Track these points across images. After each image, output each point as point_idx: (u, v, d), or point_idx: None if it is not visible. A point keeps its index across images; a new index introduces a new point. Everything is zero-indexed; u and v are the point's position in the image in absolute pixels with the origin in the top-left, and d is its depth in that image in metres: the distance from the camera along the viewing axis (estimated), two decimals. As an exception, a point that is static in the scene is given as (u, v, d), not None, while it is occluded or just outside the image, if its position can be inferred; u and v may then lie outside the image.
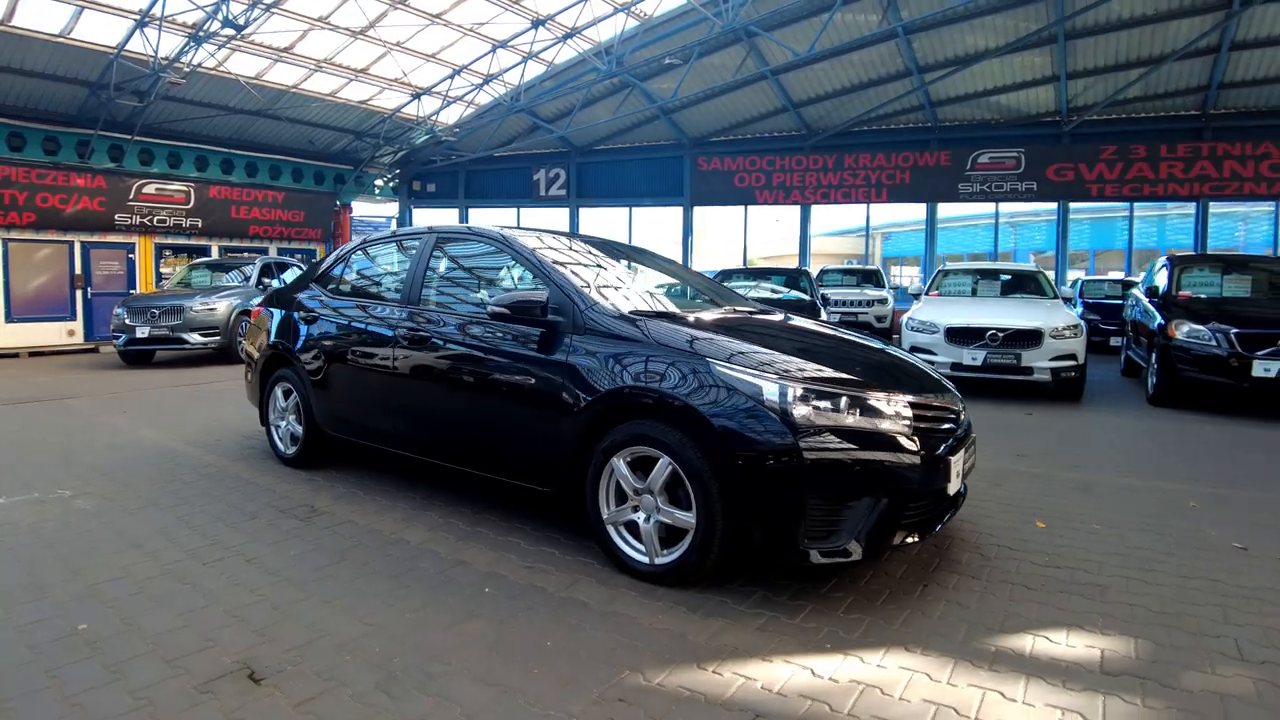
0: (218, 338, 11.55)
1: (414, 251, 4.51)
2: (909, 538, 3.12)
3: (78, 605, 2.89)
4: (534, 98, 18.52)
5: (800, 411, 2.92)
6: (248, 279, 13.10)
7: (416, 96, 18.36)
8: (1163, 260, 11.04)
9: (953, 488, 3.28)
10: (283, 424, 5.12)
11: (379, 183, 22.90)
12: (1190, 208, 18.61)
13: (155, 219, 16.85)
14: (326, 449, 4.95)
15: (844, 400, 3.00)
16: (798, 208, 21.83)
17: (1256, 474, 5.35)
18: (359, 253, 5.11)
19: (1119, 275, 18.77)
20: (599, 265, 4.16)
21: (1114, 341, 14.30)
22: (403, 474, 4.80)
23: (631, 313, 3.54)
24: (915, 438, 3.10)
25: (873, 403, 3.06)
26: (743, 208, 22.26)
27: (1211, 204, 18.35)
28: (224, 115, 17.14)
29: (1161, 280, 10.04)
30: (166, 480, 4.70)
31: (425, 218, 24.95)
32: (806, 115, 20.08)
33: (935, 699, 2.37)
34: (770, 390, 2.96)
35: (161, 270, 17.00)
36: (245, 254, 16.65)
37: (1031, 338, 8.53)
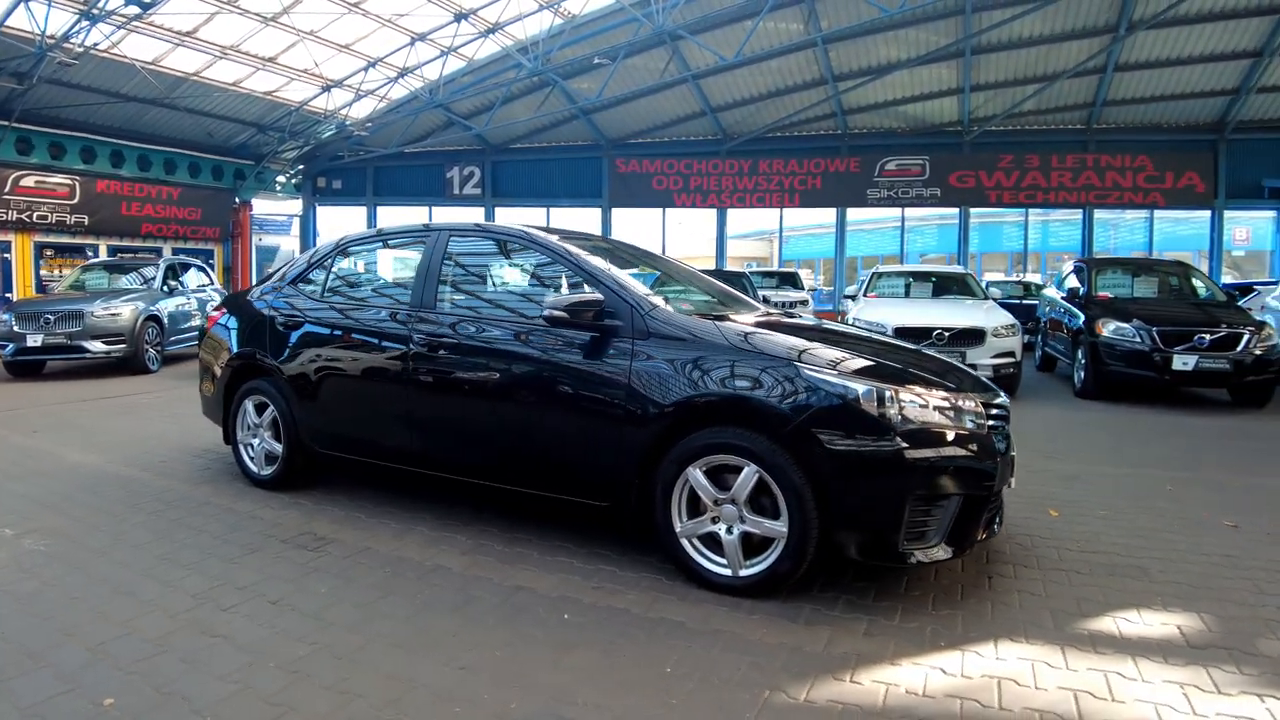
0: (122, 345, 10.47)
1: (421, 251, 4.10)
2: (984, 533, 3.17)
3: (88, 674, 2.39)
4: (452, 93, 17.87)
5: (898, 413, 2.89)
6: (148, 282, 11.96)
7: (327, 89, 17.37)
8: (1072, 264, 11.68)
9: (1014, 483, 3.38)
10: (255, 442, 4.58)
11: (281, 179, 21.59)
12: (1072, 213, 19.91)
13: (35, 215, 15.21)
14: (309, 469, 4.46)
15: (932, 401, 3.00)
16: (714, 211, 22.03)
17: (1206, 457, 5.79)
18: (343, 253, 4.63)
19: (1018, 278, 19.82)
20: (628, 267, 3.89)
21: (1025, 339, 15.03)
22: (394, 492, 4.40)
23: (695, 315, 3.36)
24: (991, 435, 3.14)
25: (958, 403, 3.08)
26: (661, 210, 22.27)
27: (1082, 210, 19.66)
28: (115, 103, 15.65)
29: (1071, 282, 10.64)
30: (126, 511, 4.10)
31: (330, 217, 23.73)
32: (724, 120, 20.25)
33: (1068, 685, 2.42)
34: (867, 393, 2.90)
35: (42, 271, 15.35)
36: (141, 254, 15.26)
37: (975, 336, 8.78)
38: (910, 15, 14.84)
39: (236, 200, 19.73)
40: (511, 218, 22.95)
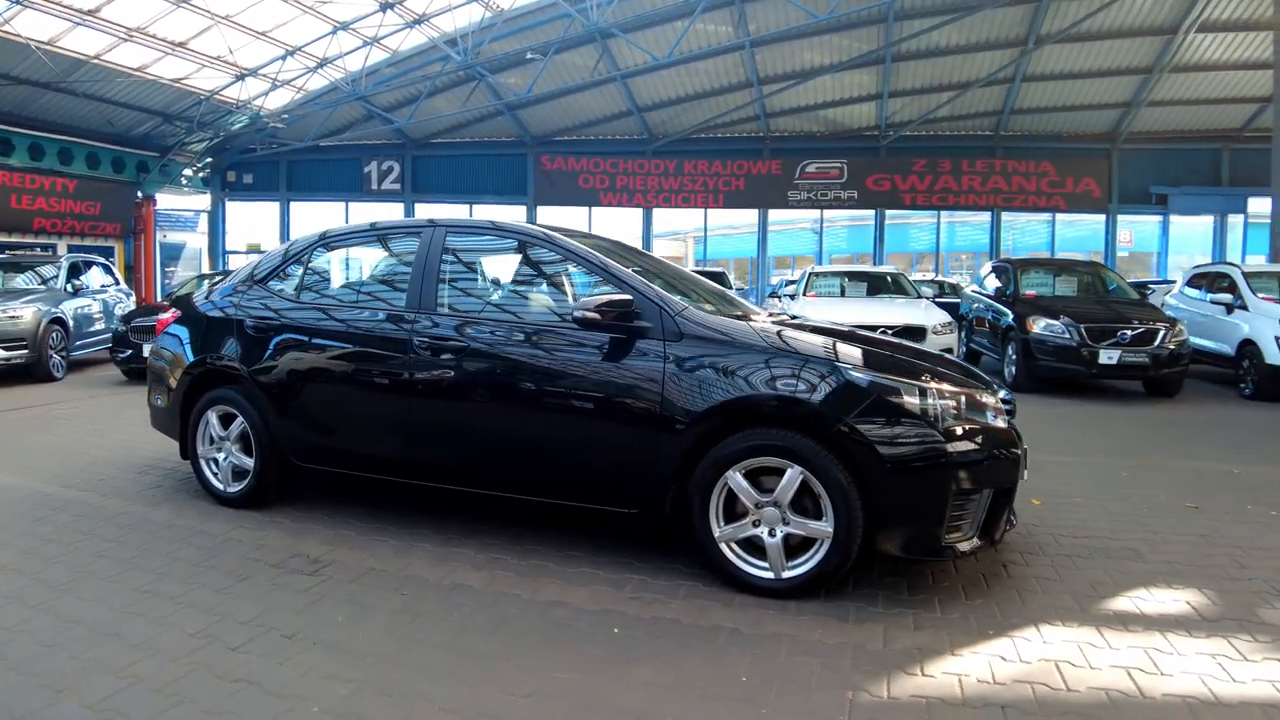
0: (24, 351, 9.52)
1: (414, 248, 3.82)
2: (1008, 524, 3.24)
3: (99, 732, 2.07)
4: (374, 85, 17.15)
5: (939, 411, 2.94)
6: (48, 281, 10.93)
7: (241, 78, 16.37)
8: (992, 264, 12.17)
9: (1026, 474, 3.43)
10: (220, 457, 4.16)
11: (188, 172, 20.26)
12: (971, 215, 20.84)
13: (-92, 207, 13.73)
14: (282, 484, 4.11)
15: (965, 399, 3.07)
16: (640, 210, 21.99)
17: (1145, 444, 6.17)
18: (321, 249, 4.27)
19: (939, 277, 20.52)
20: (639, 266, 3.73)
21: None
22: (377, 506, 4.10)
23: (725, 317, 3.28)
24: (1012, 429, 3.23)
25: (984, 399, 3.16)
26: (587, 209, 22.06)
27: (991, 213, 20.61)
28: (4, 85, 14.24)
29: (992, 282, 11.10)
30: (79, 539, 3.65)
31: (240, 213, 22.45)
32: (651, 120, 20.21)
33: (1118, 663, 2.53)
34: (910, 392, 2.95)
35: (-82, 269, 13.83)
36: (38, 250, 13.98)
37: (918, 334, 9.02)
38: (836, 21, 15.13)
39: (139, 194, 18.33)
40: (435, 214, 22.22)
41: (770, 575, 2.99)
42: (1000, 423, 3.16)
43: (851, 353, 3.12)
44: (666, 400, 3.06)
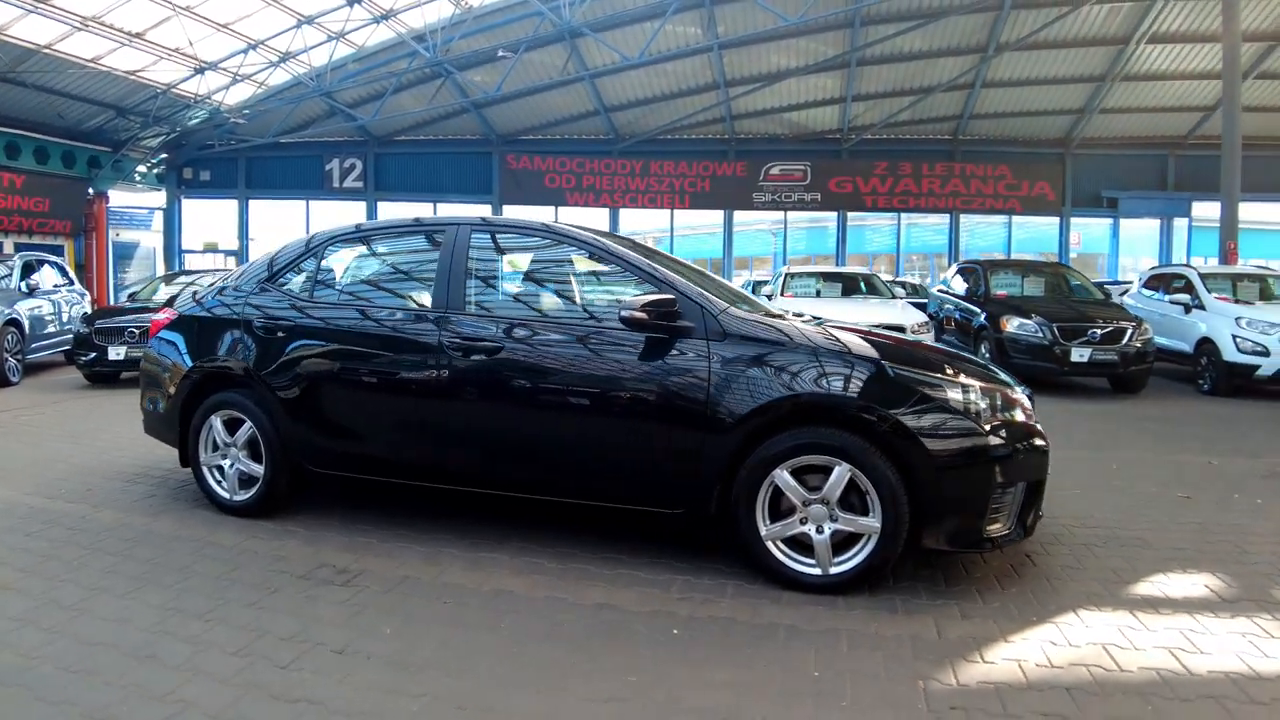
0: (-20, 353, 9.04)
1: (439, 246, 3.71)
2: (1038, 516, 3.30)
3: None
4: (339, 81, 16.75)
5: (980, 407, 3.04)
6: (1, 280, 10.41)
7: (200, 71, 15.83)
8: (959, 265, 12.41)
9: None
10: (225, 463, 3.97)
11: (142, 169, 19.51)
12: (926, 217, 21.24)
13: None
14: (292, 491, 3.96)
15: (1000, 395, 3.15)
16: (607, 210, 21.91)
17: (1124, 438, 6.43)
18: (334, 247, 4.10)
19: (903, 278, 20.84)
20: (674, 267, 3.68)
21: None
22: (393, 510, 3.98)
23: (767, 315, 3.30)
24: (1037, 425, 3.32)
25: (1015, 396, 3.26)
26: (554, 208, 21.88)
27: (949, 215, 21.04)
28: (-54, 76, 13.58)
29: (960, 283, 11.33)
30: (82, 554, 3.43)
31: (197, 210, 21.68)
32: (617, 120, 20.15)
33: (1160, 644, 2.63)
34: (953, 389, 3.03)
35: None
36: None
37: (897, 332, 9.12)
38: (803, 25, 15.26)
39: (91, 191, 17.59)
40: (398, 213, 21.81)
41: (818, 571, 3.01)
42: (1031, 419, 3.25)
43: (893, 351, 3.17)
44: (713, 400, 3.04)
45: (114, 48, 14.18)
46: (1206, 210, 18.49)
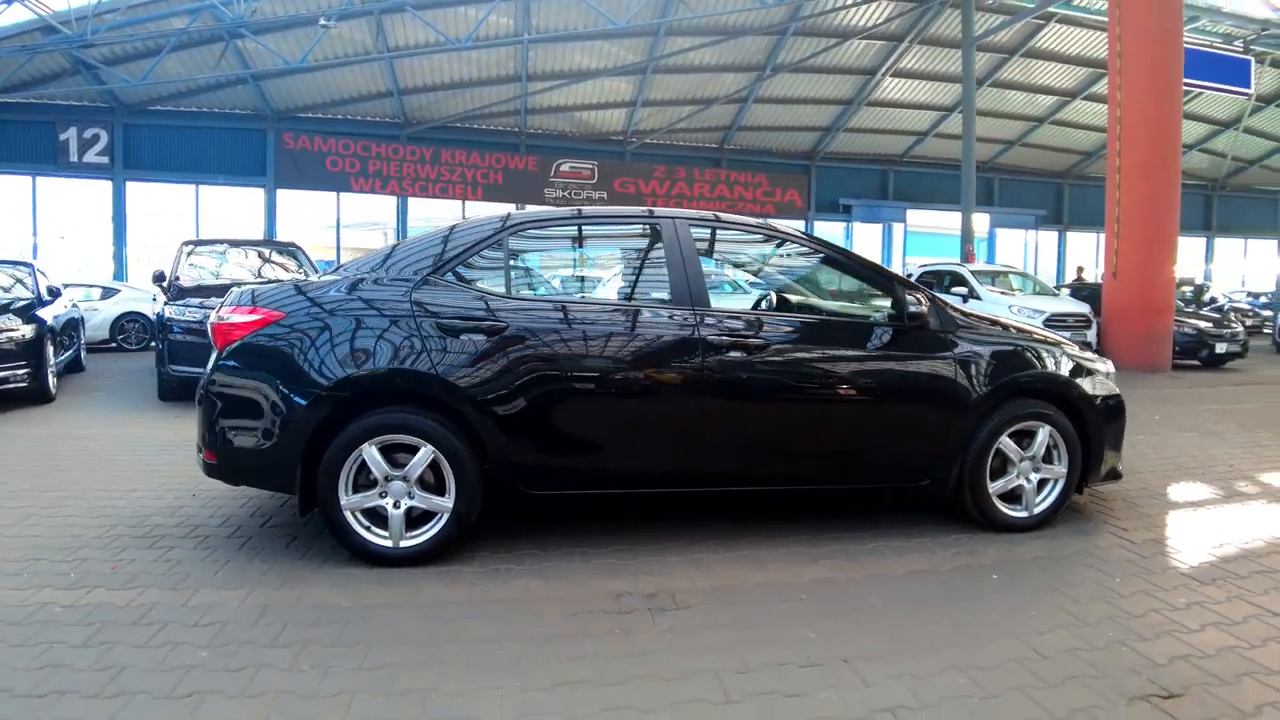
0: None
1: (661, 240, 3.49)
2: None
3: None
4: (95, 31, 13.98)
5: (1109, 372, 3.93)
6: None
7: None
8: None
9: None
10: (389, 503, 3.13)
11: None
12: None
13: None
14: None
15: (1111, 364, 4.02)
16: (394, 198, 20.81)
17: None
18: (522, 235, 3.65)
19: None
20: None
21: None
22: (563, 530, 3.60)
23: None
24: None
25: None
26: (335, 194, 20.25)
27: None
28: None
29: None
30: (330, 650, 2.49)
31: None
32: (409, 103, 19.11)
33: (1225, 617, 2.77)
34: (1107, 365, 3.94)
35: None
36: None
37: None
38: (616, 30, 15.90)
39: None
40: (148, 196, 18.53)
41: (1025, 514, 3.61)
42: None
43: (1054, 337, 3.90)
44: (958, 384, 3.46)
45: None
46: (917, 217, 22.61)
